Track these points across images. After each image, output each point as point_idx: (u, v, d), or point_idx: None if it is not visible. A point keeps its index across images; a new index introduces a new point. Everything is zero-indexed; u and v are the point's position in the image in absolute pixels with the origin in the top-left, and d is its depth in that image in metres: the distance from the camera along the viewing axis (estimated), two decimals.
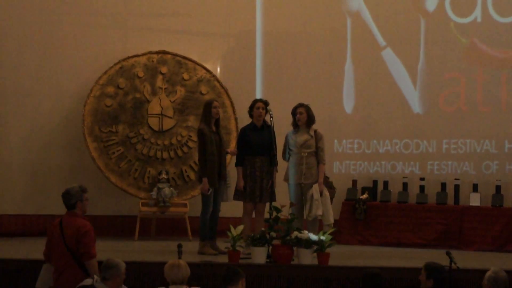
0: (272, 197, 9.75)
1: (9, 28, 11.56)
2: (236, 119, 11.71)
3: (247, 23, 12.24)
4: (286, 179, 10.04)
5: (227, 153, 10.07)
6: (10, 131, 11.51)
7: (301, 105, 10.04)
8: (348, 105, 12.16)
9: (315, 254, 8.96)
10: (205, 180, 9.68)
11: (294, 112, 10.03)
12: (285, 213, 9.19)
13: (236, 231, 8.92)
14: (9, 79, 11.55)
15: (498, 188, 11.46)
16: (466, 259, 9.59)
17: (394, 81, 12.09)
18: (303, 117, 9.97)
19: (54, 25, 11.74)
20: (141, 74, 11.68)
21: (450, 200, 11.56)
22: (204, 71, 11.87)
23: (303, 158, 9.92)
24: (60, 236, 7.07)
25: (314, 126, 10.02)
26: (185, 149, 11.65)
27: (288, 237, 8.96)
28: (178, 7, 12.13)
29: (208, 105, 9.89)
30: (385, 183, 11.83)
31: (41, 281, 7.27)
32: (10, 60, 11.57)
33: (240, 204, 9.99)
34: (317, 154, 9.95)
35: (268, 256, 9.01)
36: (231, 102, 11.79)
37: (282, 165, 10.07)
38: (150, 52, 11.76)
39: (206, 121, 9.83)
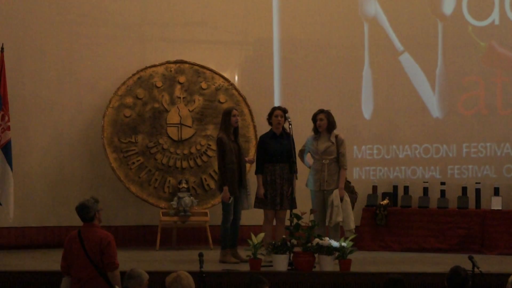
0: (292, 204, 9.73)
1: (28, 41, 11.60)
2: (254, 127, 11.70)
3: (264, 31, 12.24)
4: (308, 185, 10.01)
5: (245, 161, 10.08)
6: (31, 143, 11.55)
7: (321, 111, 10.00)
8: (367, 111, 12.13)
9: (336, 261, 8.95)
10: (225, 188, 9.67)
11: (314, 119, 10.00)
12: (306, 220, 9.18)
13: (257, 239, 8.93)
14: (28, 92, 11.59)
15: None
16: (489, 263, 9.53)
17: (413, 86, 12.05)
18: (323, 123, 9.94)
19: (73, 37, 11.78)
20: (159, 84, 11.71)
21: (472, 204, 11.50)
22: (222, 79, 11.88)
23: (324, 165, 9.89)
24: (80, 249, 7.07)
25: (335, 131, 10.01)
26: (204, 158, 11.66)
27: (309, 244, 8.95)
28: (195, 17, 12.14)
29: (228, 114, 9.89)
30: (406, 188, 11.79)
31: None
32: (30, 73, 11.61)
33: (260, 212, 9.98)
34: (338, 159, 9.92)
35: (290, 264, 9.00)
36: (250, 110, 11.79)
37: (303, 171, 10.06)
38: (168, 62, 11.79)
39: (225, 130, 9.84)
